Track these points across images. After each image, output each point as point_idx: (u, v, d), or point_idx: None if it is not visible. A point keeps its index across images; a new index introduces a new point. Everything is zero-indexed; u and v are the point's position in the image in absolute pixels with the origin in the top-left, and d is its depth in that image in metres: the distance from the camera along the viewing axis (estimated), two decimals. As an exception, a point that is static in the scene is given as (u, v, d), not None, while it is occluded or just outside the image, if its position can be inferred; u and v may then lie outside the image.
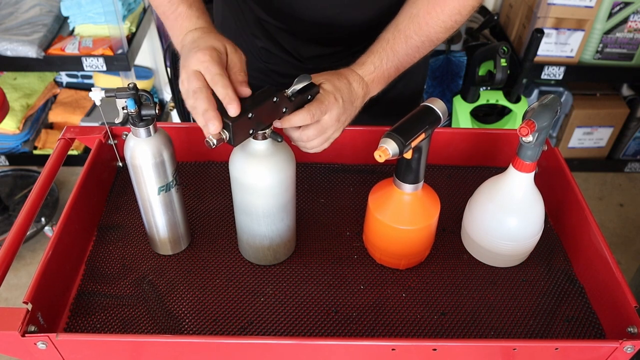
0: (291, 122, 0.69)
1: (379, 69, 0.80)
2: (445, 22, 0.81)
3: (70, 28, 2.09)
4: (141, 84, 2.34)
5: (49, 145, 2.32)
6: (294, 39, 0.98)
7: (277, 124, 0.70)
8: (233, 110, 0.63)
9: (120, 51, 1.97)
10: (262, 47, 1.01)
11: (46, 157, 2.15)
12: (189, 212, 0.90)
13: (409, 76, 1.07)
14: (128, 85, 0.69)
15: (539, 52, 1.93)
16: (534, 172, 0.76)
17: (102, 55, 1.96)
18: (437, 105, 0.72)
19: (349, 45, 0.99)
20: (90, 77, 2.43)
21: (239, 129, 0.65)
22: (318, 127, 0.72)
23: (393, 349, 0.67)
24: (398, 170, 0.75)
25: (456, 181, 0.98)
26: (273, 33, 0.98)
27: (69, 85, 2.48)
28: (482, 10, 2.26)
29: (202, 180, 0.97)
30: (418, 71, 1.12)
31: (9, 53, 1.94)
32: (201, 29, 0.75)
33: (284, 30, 0.97)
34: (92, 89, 0.69)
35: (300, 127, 0.72)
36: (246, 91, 0.67)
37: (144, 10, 2.19)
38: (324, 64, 1.01)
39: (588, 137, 2.33)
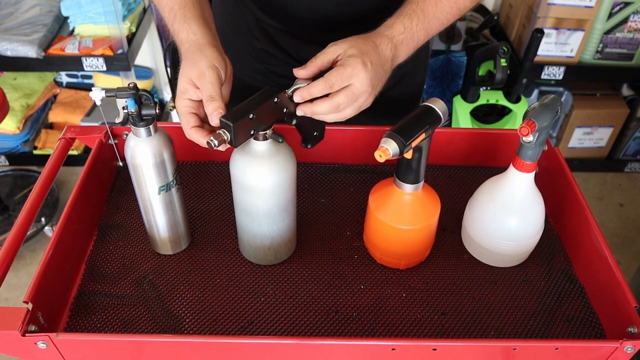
0: (310, 92, 0.66)
1: (408, 30, 0.75)
2: None
3: (70, 28, 2.09)
4: (141, 84, 2.34)
5: (49, 145, 2.32)
6: (294, 40, 0.98)
7: (297, 97, 0.67)
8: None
9: (120, 51, 1.97)
10: (262, 49, 1.01)
11: (46, 157, 2.15)
12: (190, 211, 0.90)
13: (408, 76, 1.07)
14: (128, 85, 0.69)
15: (539, 52, 1.93)
16: (534, 172, 0.76)
17: (102, 55, 1.96)
18: (438, 105, 0.72)
19: None
20: (90, 77, 2.43)
21: (240, 130, 0.65)
22: (349, 93, 0.68)
23: (393, 349, 0.67)
24: (398, 170, 0.75)
25: (456, 181, 0.98)
26: (272, 34, 0.98)
27: (69, 85, 2.48)
28: (482, 10, 2.26)
29: (202, 180, 0.97)
30: (418, 71, 1.12)
31: (9, 53, 1.94)
32: (185, 45, 0.74)
33: (283, 31, 0.97)
34: (93, 88, 0.69)
35: (328, 96, 0.68)
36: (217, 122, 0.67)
37: (144, 10, 2.19)
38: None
39: (588, 137, 2.33)
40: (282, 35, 0.98)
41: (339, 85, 0.68)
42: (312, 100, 0.69)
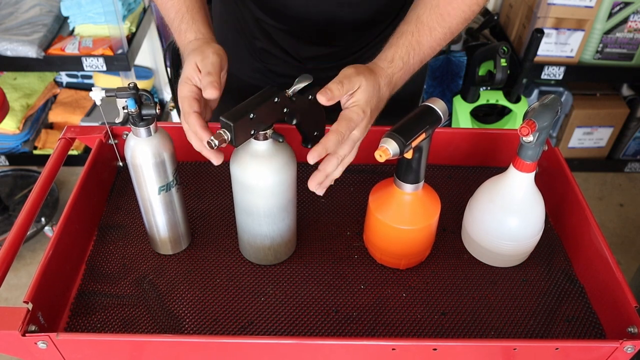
0: (326, 147, 0.67)
1: (407, 64, 0.78)
2: (465, 12, 0.80)
3: (70, 28, 2.09)
4: (141, 84, 2.34)
5: (49, 145, 2.32)
6: (293, 39, 0.98)
7: (310, 157, 0.67)
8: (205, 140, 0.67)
9: (120, 51, 1.97)
10: (261, 48, 1.01)
11: (46, 157, 2.15)
12: (190, 211, 0.90)
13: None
14: (128, 85, 0.69)
15: (539, 52, 1.93)
16: (534, 172, 0.76)
17: (102, 55, 1.96)
18: (438, 105, 0.72)
19: (348, 46, 0.99)
20: (90, 77, 2.43)
21: (240, 130, 0.65)
22: (349, 142, 0.71)
23: (393, 349, 0.67)
24: (398, 170, 0.75)
25: (456, 181, 0.98)
26: (272, 33, 0.98)
27: (69, 85, 2.48)
28: (482, 10, 2.26)
29: (202, 180, 0.97)
30: (417, 72, 1.12)
31: (9, 53, 1.94)
32: (191, 43, 0.77)
33: (282, 30, 0.97)
34: (93, 88, 0.69)
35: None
36: (210, 93, 0.68)
37: (144, 10, 2.19)
38: (323, 65, 1.01)
39: (588, 137, 2.33)
40: (282, 34, 0.98)
41: (348, 135, 0.70)
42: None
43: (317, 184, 0.71)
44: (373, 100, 0.73)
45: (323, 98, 0.67)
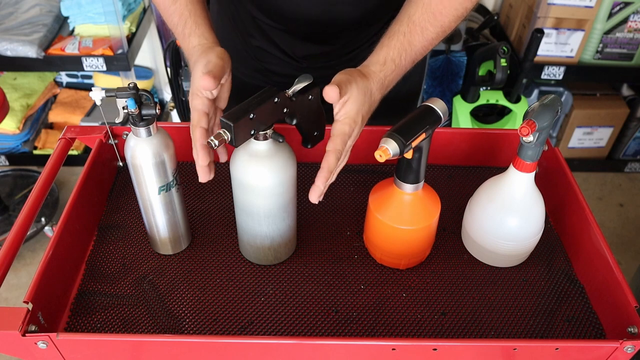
0: (330, 169, 0.69)
1: (399, 66, 0.78)
2: (457, 9, 0.79)
3: (70, 28, 2.09)
4: (141, 84, 2.34)
5: (49, 145, 2.32)
6: (289, 38, 0.98)
7: (318, 181, 0.69)
8: (201, 160, 0.69)
9: (120, 51, 1.97)
10: (257, 46, 1.01)
11: (46, 157, 2.15)
12: (190, 211, 0.90)
13: (406, 76, 1.07)
14: (128, 85, 0.69)
15: (539, 52, 1.93)
16: (534, 172, 0.76)
17: (102, 55, 1.96)
18: (438, 105, 0.72)
19: (343, 45, 0.99)
20: (90, 77, 2.43)
21: (240, 130, 0.65)
22: (344, 153, 0.72)
23: (393, 349, 0.67)
24: (398, 170, 0.75)
25: (456, 181, 0.98)
26: (267, 32, 0.98)
27: (69, 85, 2.48)
28: (482, 10, 2.26)
29: (202, 180, 0.96)
30: (416, 71, 1.12)
31: (9, 53, 1.94)
32: (196, 48, 0.77)
33: (278, 28, 0.97)
34: (93, 88, 0.69)
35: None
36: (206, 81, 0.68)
37: (144, 10, 2.19)
38: (319, 63, 1.01)
39: (588, 137, 2.33)
40: (277, 32, 0.98)
41: (344, 146, 0.71)
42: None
43: (318, 197, 0.71)
44: (364, 108, 0.73)
45: (334, 92, 0.68)
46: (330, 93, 0.68)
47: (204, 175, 0.71)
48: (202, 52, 0.75)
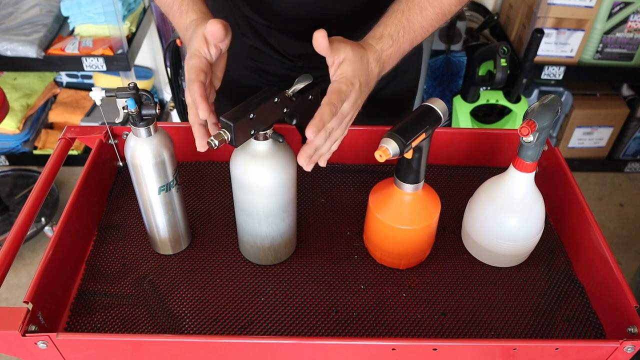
0: (323, 120, 0.66)
1: (396, 42, 0.77)
2: None
3: (70, 28, 2.09)
4: (141, 84, 2.34)
5: (49, 145, 2.32)
6: (282, 37, 0.98)
7: (308, 132, 0.65)
8: (201, 112, 0.67)
9: (120, 51, 1.97)
10: (251, 45, 1.01)
11: (46, 157, 2.15)
12: (190, 211, 0.90)
13: (402, 74, 1.07)
14: (128, 85, 0.69)
15: (539, 52, 1.93)
16: (534, 172, 0.76)
17: (102, 55, 1.96)
18: (438, 105, 0.72)
19: None
20: (90, 77, 2.43)
21: (240, 130, 0.65)
22: (339, 116, 0.69)
23: (393, 349, 0.67)
24: (398, 170, 0.75)
25: (456, 181, 0.98)
26: (260, 31, 0.98)
27: (69, 85, 2.48)
28: (482, 10, 2.26)
29: (202, 180, 0.97)
30: (411, 69, 1.11)
31: (9, 53, 1.93)
32: (194, 22, 0.76)
33: (271, 27, 0.97)
34: (93, 88, 0.69)
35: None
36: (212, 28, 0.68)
37: (144, 10, 2.19)
38: (313, 62, 1.00)
39: (588, 137, 2.33)
40: (269, 31, 0.97)
41: (339, 107, 0.68)
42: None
43: (307, 157, 0.69)
44: (362, 74, 0.71)
45: (321, 36, 0.66)
46: (318, 38, 0.66)
47: (201, 138, 0.69)
48: (201, 23, 0.73)
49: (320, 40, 0.67)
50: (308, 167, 0.70)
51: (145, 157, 0.72)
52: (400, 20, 0.77)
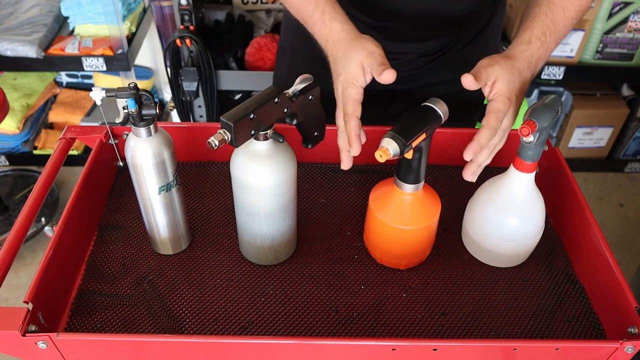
0: (480, 144, 0.71)
1: (544, 43, 0.78)
2: None
3: (70, 28, 2.09)
4: (141, 84, 2.34)
5: (49, 145, 2.32)
6: (382, 39, 0.96)
7: (466, 155, 0.71)
8: (354, 151, 0.73)
9: (120, 51, 1.97)
10: None
11: (46, 157, 2.15)
12: (190, 211, 0.90)
13: None
14: (128, 85, 0.69)
15: (539, 52, 1.92)
16: (534, 172, 0.76)
17: (102, 55, 1.95)
18: (438, 105, 0.72)
19: (436, 47, 0.99)
20: (90, 77, 2.43)
21: (240, 130, 0.65)
22: (500, 133, 0.73)
23: (393, 349, 0.67)
24: (399, 170, 0.75)
25: (457, 181, 0.98)
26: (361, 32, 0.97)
27: (69, 85, 2.48)
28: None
29: (202, 180, 0.97)
30: None
31: (9, 53, 1.93)
32: (341, 32, 0.78)
33: (373, 27, 0.95)
34: (93, 88, 0.69)
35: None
36: (388, 75, 0.71)
37: (144, 10, 2.19)
38: (401, 69, 0.99)
39: (588, 137, 2.33)
40: (371, 33, 0.95)
41: (498, 126, 0.72)
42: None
43: (471, 174, 0.73)
44: (515, 86, 0.74)
45: (468, 79, 0.69)
46: (464, 80, 0.69)
47: (348, 162, 0.76)
48: (352, 40, 0.75)
49: (469, 84, 0.70)
50: (472, 179, 0.75)
51: (145, 157, 0.72)
52: (545, 22, 0.79)
